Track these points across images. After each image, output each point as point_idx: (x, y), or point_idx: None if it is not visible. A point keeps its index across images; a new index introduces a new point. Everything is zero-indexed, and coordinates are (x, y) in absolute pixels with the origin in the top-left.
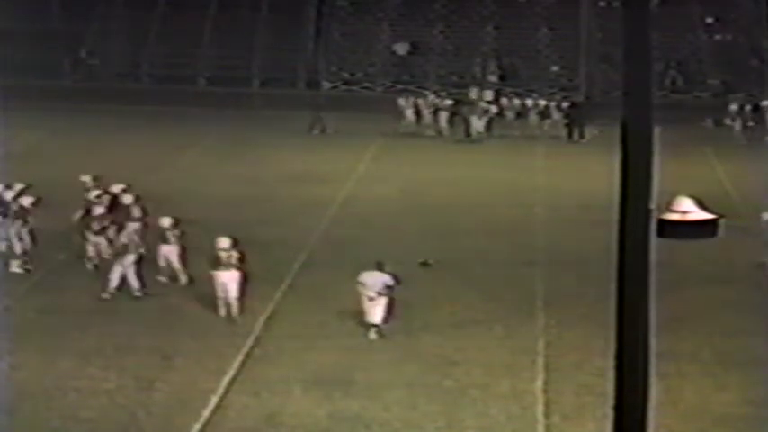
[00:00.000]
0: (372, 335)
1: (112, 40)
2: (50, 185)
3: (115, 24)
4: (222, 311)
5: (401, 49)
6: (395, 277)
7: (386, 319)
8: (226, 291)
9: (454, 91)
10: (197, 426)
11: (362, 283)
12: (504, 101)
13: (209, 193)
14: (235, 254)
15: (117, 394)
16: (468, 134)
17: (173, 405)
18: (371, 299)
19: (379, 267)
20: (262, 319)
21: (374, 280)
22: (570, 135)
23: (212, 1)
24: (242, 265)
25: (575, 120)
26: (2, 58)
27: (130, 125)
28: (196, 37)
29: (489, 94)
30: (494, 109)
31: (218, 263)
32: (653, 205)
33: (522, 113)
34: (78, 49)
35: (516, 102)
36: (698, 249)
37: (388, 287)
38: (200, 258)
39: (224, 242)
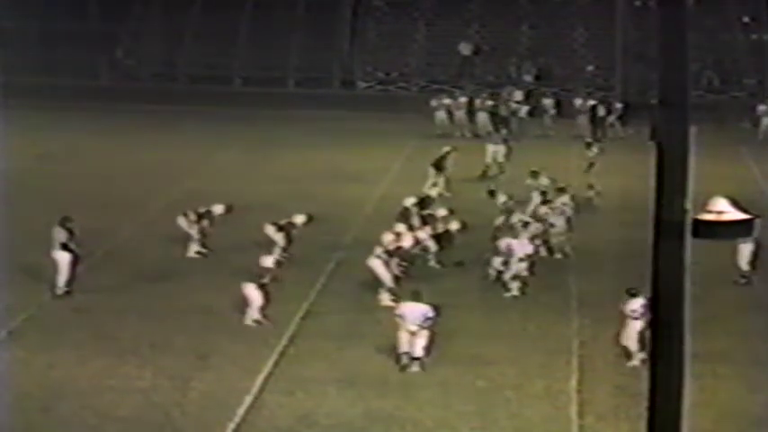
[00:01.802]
0: (415, 368)
1: (148, 40)
2: (90, 184)
3: (151, 24)
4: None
5: (465, 49)
6: (434, 308)
7: (428, 351)
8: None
9: (491, 91)
10: (231, 425)
11: (401, 317)
12: (546, 101)
13: (244, 193)
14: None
15: (152, 393)
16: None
17: (208, 404)
18: (413, 333)
19: (416, 298)
20: (296, 319)
21: (413, 312)
22: (594, 134)
23: (248, 1)
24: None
25: (597, 119)
26: (38, 59)
27: (167, 125)
28: (232, 37)
29: (519, 94)
30: (524, 109)
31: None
32: (689, 205)
33: (559, 113)
34: (114, 49)
35: (548, 101)
36: (733, 249)
37: (428, 318)
38: (236, 256)
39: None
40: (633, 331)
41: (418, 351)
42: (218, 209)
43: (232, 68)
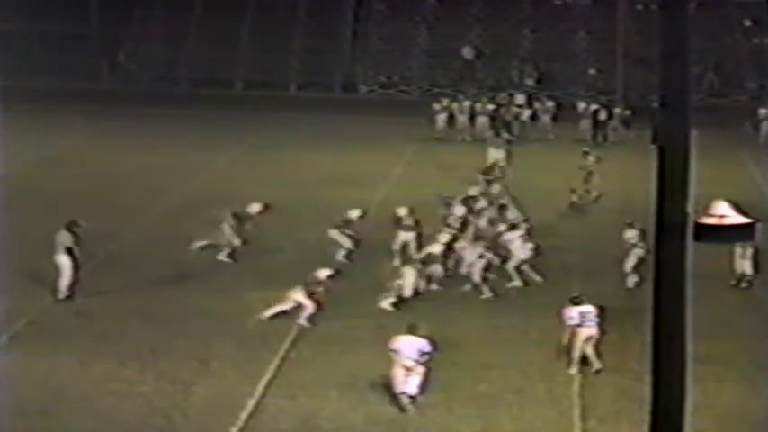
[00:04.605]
0: (410, 407)
1: (150, 44)
2: (92, 187)
3: (153, 28)
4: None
5: (468, 53)
6: (431, 342)
7: (422, 389)
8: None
9: (491, 95)
10: (234, 429)
11: (397, 351)
12: (546, 105)
13: (247, 197)
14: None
15: (153, 397)
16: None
17: (209, 408)
18: (409, 369)
19: (412, 331)
20: (298, 323)
21: (409, 347)
22: (594, 137)
23: (250, 4)
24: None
25: (598, 122)
26: (40, 62)
27: (168, 128)
28: (233, 41)
29: (521, 98)
30: (526, 113)
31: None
32: (690, 209)
33: (555, 117)
34: (116, 53)
35: (548, 104)
36: (731, 252)
37: (425, 353)
38: (237, 260)
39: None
40: (577, 339)
41: (412, 389)
42: (254, 208)
43: (233, 72)
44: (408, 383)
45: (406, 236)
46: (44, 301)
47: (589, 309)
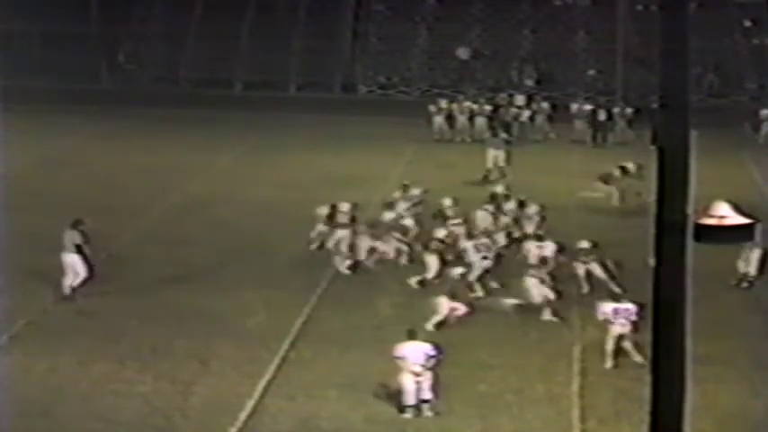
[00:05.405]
0: (427, 412)
1: (150, 44)
2: (92, 188)
3: (153, 28)
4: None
5: (464, 54)
6: (436, 346)
7: (436, 392)
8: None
9: (489, 95)
10: (233, 429)
11: (403, 358)
12: (544, 105)
13: (246, 197)
14: None
15: (153, 397)
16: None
17: (209, 409)
18: (418, 374)
19: (412, 336)
20: (298, 323)
21: (415, 352)
22: (594, 139)
23: (250, 4)
24: None
25: (598, 123)
26: (40, 62)
27: (168, 129)
28: (233, 41)
29: (521, 99)
30: (526, 113)
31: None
32: (690, 210)
33: (550, 118)
34: (115, 53)
35: (544, 105)
36: (734, 253)
37: (431, 357)
38: (236, 260)
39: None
40: (609, 334)
41: (426, 393)
42: (344, 207)
43: (233, 72)
44: (420, 389)
45: (342, 233)
46: (44, 301)
47: (627, 306)
